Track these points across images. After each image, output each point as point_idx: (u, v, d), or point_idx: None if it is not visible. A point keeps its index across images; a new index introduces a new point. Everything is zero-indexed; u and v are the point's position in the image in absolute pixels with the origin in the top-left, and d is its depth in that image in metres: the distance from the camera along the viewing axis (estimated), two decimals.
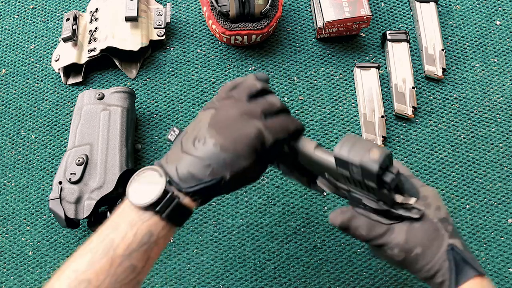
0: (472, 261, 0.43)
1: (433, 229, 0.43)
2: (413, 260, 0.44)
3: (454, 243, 0.43)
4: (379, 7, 0.81)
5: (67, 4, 0.85)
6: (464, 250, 0.43)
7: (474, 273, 0.42)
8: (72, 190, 0.63)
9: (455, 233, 0.44)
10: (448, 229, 0.44)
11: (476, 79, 0.76)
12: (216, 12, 0.74)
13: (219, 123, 0.44)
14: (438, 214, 0.44)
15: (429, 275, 0.43)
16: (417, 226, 0.44)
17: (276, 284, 0.66)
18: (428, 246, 0.43)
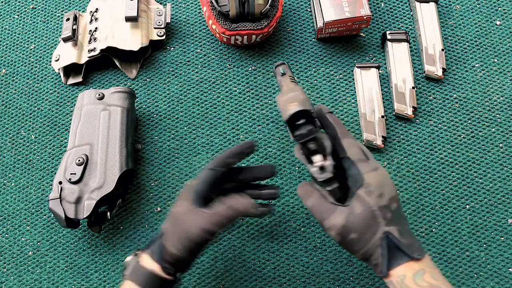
0: (407, 247, 0.45)
1: (370, 216, 0.46)
2: (349, 243, 0.47)
3: (390, 230, 0.46)
4: (379, 7, 0.81)
5: (67, 4, 0.85)
6: (401, 237, 0.46)
7: (406, 259, 0.45)
8: (72, 190, 0.63)
9: (395, 219, 0.46)
10: (387, 216, 0.46)
11: (476, 79, 0.76)
12: (216, 12, 0.74)
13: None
14: (379, 202, 0.46)
15: (365, 258, 0.47)
16: (356, 212, 0.46)
17: (276, 284, 0.66)
18: (363, 233, 0.46)
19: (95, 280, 0.67)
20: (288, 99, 0.48)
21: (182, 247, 0.50)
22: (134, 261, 0.52)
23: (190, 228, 0.50)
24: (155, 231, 0.69)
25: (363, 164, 0.48)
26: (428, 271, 0.45)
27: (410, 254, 0.45)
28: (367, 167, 0.48)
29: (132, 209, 0.70)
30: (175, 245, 0.51)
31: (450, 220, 0.68)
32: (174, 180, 0.72)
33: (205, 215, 0.50)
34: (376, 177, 0.47)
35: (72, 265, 0.68)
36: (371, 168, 0.48)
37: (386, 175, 0.48)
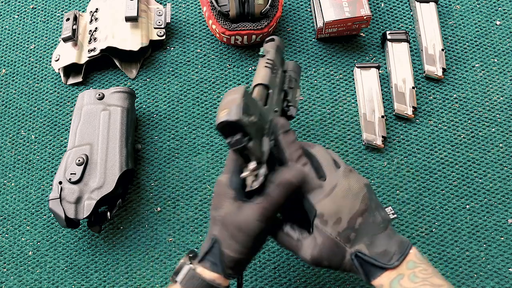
0: (380, 257, 0.45)
1: (332, 244, 0.46)
2: (326, 268, 0.49)
3: (357, 249, 0.46)
4: (379, 7, 0.81)
5: (67, 4, 0.85)
6: (370, 250, 0.45)
7: (381, 271, 0.45)
8: (72, 190, 0.63)
9: (360, 237, 0.46)
10: (350, 237, 0.46)
11: (476, 79, 0.76)
12: (216, 12, 0.74)
13: None
14: (337, 228, 0.45)
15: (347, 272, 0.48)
16: (318, 243, 0.46)
17: (276, 284, 0.66)
18: (332, 259, 0.46)
19: (95, 280, 0.67)
20: (224, 103, 0.44)
21: (242, 248, 0.47)
22: (189, 269, 0.49)
23: (246, 225, 0.46)
24: (155, 231, 0.69)
25: (315, 192, 0.46)
26: (407, 274, 0.44)
27: (383, 265, 0.45)
28: (318, 194, 0.46)
29: (132, 209, 0.70)
30: (234, 248, 0.47)
31: (450, 220, 0.68)
32: (174, 180, 0.72)
33: (256, 206, 0.46)
34: (328, 204, 0.46)
35: (72, 265, 0.68)
36: (324, 194, 0.46)
37: (343, 193, 0.46)
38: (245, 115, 0.43)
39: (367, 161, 0.72)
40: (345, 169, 0.48)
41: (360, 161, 0.72)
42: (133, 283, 0.66)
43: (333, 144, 0.73)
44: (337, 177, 0.47)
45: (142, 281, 0.66)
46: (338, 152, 0.72)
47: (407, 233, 0.67)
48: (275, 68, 0.54)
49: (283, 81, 0.56)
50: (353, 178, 0.47)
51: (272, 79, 0.53)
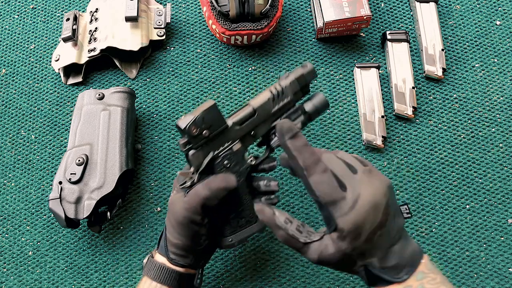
0: (389, 271, 0.44)
1: (344, 257, 0.44)
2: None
3: (369, 262, 0.44)
4: (379, 7, 0.81)
5: (67, 4, 0.85)
6: (382, 264, 0.44)
7: (387, 284, 0.44)
8: (72, 190, 0.63)
9: (374, 249, 0.44)
10: (366, 252, 0.44)
11: (476, 79, 0.76)
12: (216, 12, 0.74)
13: None
14: (354, 244, 0.43)
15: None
16: (329, 252, 0.44)
17: (276, 284, 0.66)
18: (340, 267, 0.46)
19: (95, 280, 0.67)
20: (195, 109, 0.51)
21: (177, 234, 0.52)
22: (149, 256, 0.56)
23: (177, 212, 0.51)
24: (155, 231, 0.69)
25: (339, 205, 0.44)
26: (415, 286, 0.43)
27: (390, 279, 0.44)
28: (342, 207, 0.43)
29: (132, 209, 0.70)
30: (172, 233, 0.52)
31: (450, 220, 0.68)
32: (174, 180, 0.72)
33: (185, 198, 0.51)
34: (351, 220, 0.43)
35: (72, 265, 0.68)
36: (349, 207, 0.43)
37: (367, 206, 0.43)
38: (193, 126, 0.49)
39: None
40: (363, 173, 0.45)
41: None
42: (133, 283, 0.66)
43: (333, 144, 0.73)
44: (358, 184, 0.44)
45: None
46: None
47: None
48: (281, 96, 0.54)
49: (284, 110, 0.55)
50: (375, 181, 0.44)
51: (267, 105, 0.54)
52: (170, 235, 0.53)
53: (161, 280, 0.53)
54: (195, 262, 0.55)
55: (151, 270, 0.54)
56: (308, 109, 0.55)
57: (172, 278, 0.53)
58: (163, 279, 0.53)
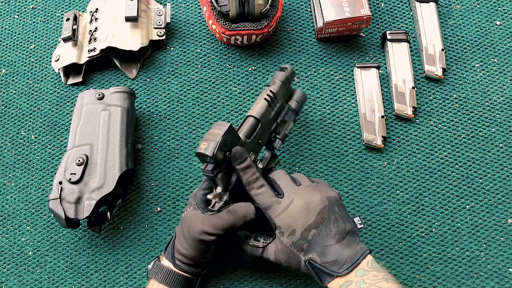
0: (331, 265, 0.51)
1: (288, 251, 0.53)
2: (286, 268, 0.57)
3: (311, 257, 0.52)
4: (379, 7, 0.81)
5: (67, 4, 0.85)
6: (322, 259, 0.51)
7: (331, 277, 0.51)
8: (72, 190, 0.63)
9: (313, 246, 0.52)
10: (304, 247, 0.52)
11: (476, 79, 0.76)
12: (216, 12, 0.74)
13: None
14: (292, 239, 0.52)
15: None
16: (279, 249, 0.54)
17: (276, 284, 0.66)
18: (290, 262, 0.54)
19: (95, 280, 0.67)
20: (208, 134, 0.52)
21: (187, 246, 0.56)
22: (155, 260, 0.59)
23: (192, 229, 0.55)
24: (155, 231, 0.69)
25: (273, 208, 0.53)
26: (355, 281, 0.50)
27: (332, 273, 0.50)
28: (276, 209, 0.53)
29: (132, 209, 0.70)
30: (182, 244, 0.56)
31: (450, 220, 0.68)
32: (174, 180, 0.72)
33: (205, 217, 0.54)
34: (284, 218, 0.53)
35: (72, 265, 0.68)
36: (282, 209, 0.53)
37: (298, 209, 0.52)
38: (219, 152, 0.51)
39: (367, 161, 0.72)
40: (306, 186, 0.54)
41: (360, 161, 0.72)
42: (133, 283, 0.66)
43: (333, 144, 0.73)
44: (293, 194, 0.53)
45: (142, 281, 0.66)
46: (338, 152, 0.72)
47: (407, 233, 0.67)
48: (275, 100, 0.61)
49: (279, 113, 0.62)
50: (315, 191, 0.54)
51: (266, 113, 0.59)
52: (179, 245, 0.57)
53: (169, 283, 0.57)
54: (198, 271, 0.59)
55: (158, 273, 0.57)
56: (294, 107, 0.64)
57: (178, 282, 0.57)
58: (170, 282, 0.57)
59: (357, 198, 0.69)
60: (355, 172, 0.71)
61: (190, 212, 0.56)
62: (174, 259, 0.57)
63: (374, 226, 0.68)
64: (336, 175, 0.71)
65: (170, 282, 0.57)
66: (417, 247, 0.67)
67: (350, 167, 0.71)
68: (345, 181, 0.71)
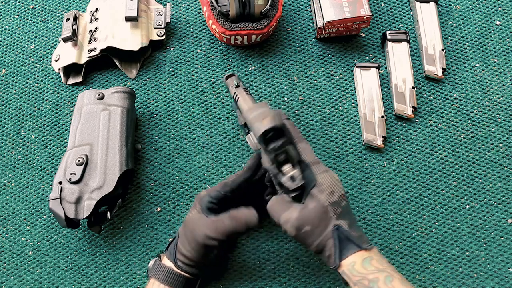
0: (357, 238, 0.50)
1: (322, 211, 0.51)
2: (303, 236, 0.52)
3: (340, 223, 0.51)
4: (379, 7, 0.81)
5: (67, 4, 0.85)
6: (350, 230, 0.51)
7: (356, 249, 0.50)
8: (72, 190, 0.63)
9: (343, 214, 0.51)
10: (337, 211, 0.51)
11: (476, 79, 0.76)
12: (216, 12, 0.74)
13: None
14: (330, 198, 0.51)
15: (318, 250, 0.52)
16: (309, 208, 0.51)
17: (276, 284, 0.66)
18: (317, 225, 0.51)
19: (95, 280, 0.67)
20: (259, 115, 0.51)
21: (190, 248, 0.56)
22: (156, 259, 0.59)
23: (196, 232, 0.55)
24: (155, 231, 0.69)
25: (316, 166, 0.53)
26: (376, 258, 0.50)
27: (359, 244, 0.50)
28: (319, 168, 0.53)
29: (132, 209, 0.70)
30: (185, 246, 0.57)
31: (450, 220, 0.68)
32: (174, 180, 0.72)
33: (209, 222, 0.55)
34: (327, 177, 0.52)
35: (72, 265, 0.68)
36: (323, 170, 0.53)
37: (336, 177, 0.53)
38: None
39: (367, 161, 0.72)
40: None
41: (360, 161, 0.72)
42: (133, 283, 0.66)
43: (333, 144, 0.73)
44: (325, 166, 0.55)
45: (142, 281, 0.66)
46: (338, 152, 0.72)
47: (407, 233, 0.67)
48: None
49: None
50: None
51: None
52: (182, 246, 0.57)
53: (169, 283, 0.57)
54: (199, 273, 0.59)
55: (159, 273, 0.58)
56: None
57: (179, 282, 0.57)
58: (171, 282, 0.57)
59: (357, 198, 0.69)
60: (355, 172, 0.71)
61: (195, 215, 0.57)
62: (176, 260, 0.57)
63: (374, 226, 0.68)
64: None
65: (171, 282, 0.57)
66: (417, 247, 0.67)
67: (350, 167, 0.71)
68: (345, 181, 0.71)
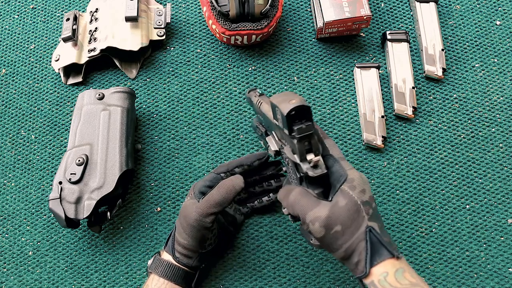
0: (388, 244, 0.46)
1: (355, 209, 0.46)
2: (332, 237, 0.46)
3: (373, 225, 0.46)
4: (379, 7, 0.81)
5: (67, 4, 0.85)
6: (382, 233, 0.46)
7: (389, 255, 0.45)
8: (72, 190, 0.63)
9: (375, 216, 0.47)
10: (369, 212, 0.46)
11: (476, 79, 0.76)
12: (216, 12, 0.74)
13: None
14: (362, 197, 0.47)
15: (347, 255, 0.46)
16: (341, 205, 0.46)
17: (276, 284, 0.66)
18: (348, 225, 0.46)
19: (95, 280, 0.67)
20: (286, 98, 0.48)
21: (186, 235, 0.56)
22: (155, 255, 0.60)
23: (189, 216, 0.55)
24: (155, 231, 0.69)
25: (345, 162, 0.50)
26: (407, 270, 0.45)
27: (391, 251, 0.45)
28: (349, 165, 0.49)
29: (132, 209, 0.70)
30: (181, 234, 0.57)
31: (450, 220, 0.68)
32: (174, 180, 0.72)
33: (200, 202, 0.56)
34: (358, 174, 0.48)
35: (72, 265, 0.68)
36: (350, 167, 0.49)
37: (365, 176, 0.50)
38: None
39: (367, 161, 0.72)
40: None
41: (360, 161, 0.72)
42: (133, 283, 0.66)
43: None
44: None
45: (142, 281, 0.66)
46: None
47: (407, 233, 0.67)
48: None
49: None
50: None
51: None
52: (178, 235, 0.57)
53: (168, 276, 0.57)
54: (197, 265, 0.58)
55: (158, 267, 0.58)
56: None
57: (178, 275, 0.57)
58: (170, 276, 0.57)
59: None
60: None
61: (187, 202, 0.57)
62: (174, 251, 0.58)
63: None
64: None
65: (170, 275, 0.57)
66: (417, 247, 0.67)
67: None
68: None
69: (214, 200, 0.54)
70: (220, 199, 0.54)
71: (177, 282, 0.57)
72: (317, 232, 0.47)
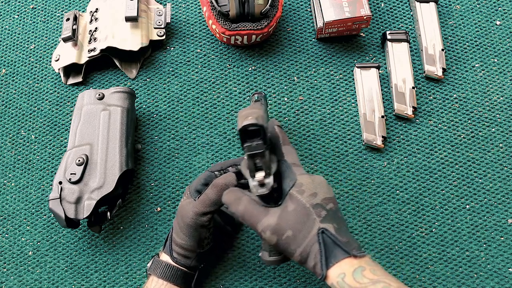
0: (345, 244, 0.45)
1: (304, 213, 0.46)
2: (285, 243, 0.47)
3: (326, 227, 0.46)
4: (379, 7, 0.81)
5: (67, 4, 0.85)
6: (337, 234, 0.46)
7: (345, 255, 0.45)
8: (72, 190, 0.63)
9: (330, 218, 0.47)
10: (321, 214, 0.46)
11: (476, 79, 0.76)
12: (216, 12, 0.74)
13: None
14: (311, 200, 0.47)
15: (303, 259, 0.47)
16: (289, 210, 0.47)
17: (276, 284, 0.66)
18: (299, 230, 0.46)
19: (95, 280, 0.67)
20: (247, 113, 0.49)
21: (183, 235, 0.56)
22: (154, 256, 0.60)
23: (186, 215, 0.55)
24: (155, 231, 0.69)
25: (298, 168, 0.50)
26: (368, 268, 0.44)
27: (348, 250, 0.45)
28: (301, 170, 0.50)
29: (132, 209, 0.70)
30: (178, 234, 0.57)
31: (450, 220, 0.68)
32: (174, 180, 0.72)
33: (196, 202, 0.55)
34: (308, 178, 0.49)
35: (72, 265, 0.68)
36: (305, 173, 0.50)
37: (321, 180, 0.50)
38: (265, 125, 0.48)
39: (367, 161, 0.72)
40: None
41: (360, 161, 0.72)
42: (133, 283, 0.66)
43: (333, 144, 0.73)
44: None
45: (142, 281, 0.66)
46: (338, 152, 0.72)
47: (407, 233, 0.67)
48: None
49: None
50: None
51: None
52: (176, 235, 0.57)
53: (167, 277, 0.57)
54: (195, 265, 0.58)
55: (157, 268, 0.58)
56: None
57: (177, 276, 0.57)
58: (169, 276, 0.57)
59: (357, 198, 0.69)
60: (355, 172, 0.71)
61: (184, 202, 0.57)
62: (172, 252, 0.58)
63: (374, 226, 0.68)
64: (336, 175, 0.71)
65: (169, 276, 0.57)
66: (417, 247, 0.67)
67: (350, 167, 0.71)
68: (345, 181, 0.71)
69: (209, 198, 0.54)
70: (215, 197, 0.54)
71: (176, 282, 0.57)
72: (270, 240, 0.47)
